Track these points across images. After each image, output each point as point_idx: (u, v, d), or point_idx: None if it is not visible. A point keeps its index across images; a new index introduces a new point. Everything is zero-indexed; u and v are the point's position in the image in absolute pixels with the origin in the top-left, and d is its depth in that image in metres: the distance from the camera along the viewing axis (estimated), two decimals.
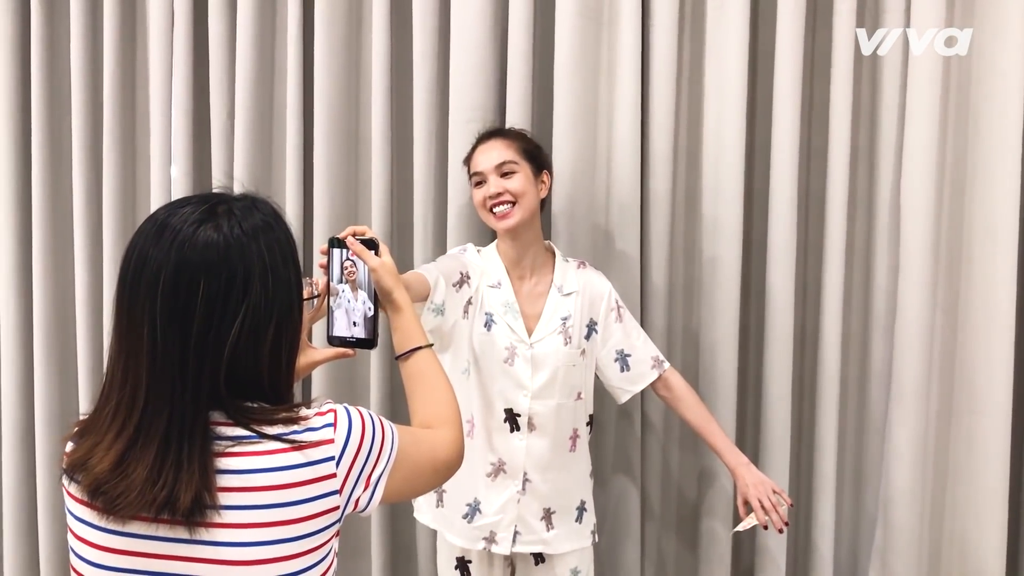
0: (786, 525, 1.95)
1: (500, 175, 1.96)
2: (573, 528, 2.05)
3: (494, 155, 1.97)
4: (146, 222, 1.07)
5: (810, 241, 2.30)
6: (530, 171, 1.99)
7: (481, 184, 1.99)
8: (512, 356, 1.98)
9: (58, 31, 2.68)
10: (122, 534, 1.03)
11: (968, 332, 2.18)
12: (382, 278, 1.35)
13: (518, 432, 1.99)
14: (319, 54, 2.40)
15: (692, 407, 2.08)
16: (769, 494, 1.95)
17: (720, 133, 2.25)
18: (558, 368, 1.98)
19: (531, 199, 1.98)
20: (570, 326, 2.01)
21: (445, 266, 1.96)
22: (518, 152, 1.98)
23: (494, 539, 2.01)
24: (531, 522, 2.01)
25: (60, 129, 2.70)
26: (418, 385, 1.33)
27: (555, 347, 1.99)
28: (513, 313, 2.00)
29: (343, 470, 1.06)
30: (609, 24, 2.28)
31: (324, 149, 2.41)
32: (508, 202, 1.95)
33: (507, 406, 1.99)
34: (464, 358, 2.00)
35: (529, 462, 1.99)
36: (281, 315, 1.06)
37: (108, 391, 1.05)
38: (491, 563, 2.07)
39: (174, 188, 2.55)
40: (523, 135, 2.06)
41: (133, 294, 1.02)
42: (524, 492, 2.00)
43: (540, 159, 2.03)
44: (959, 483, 2.21)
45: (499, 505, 2.00)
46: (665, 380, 2.09)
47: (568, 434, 2.03)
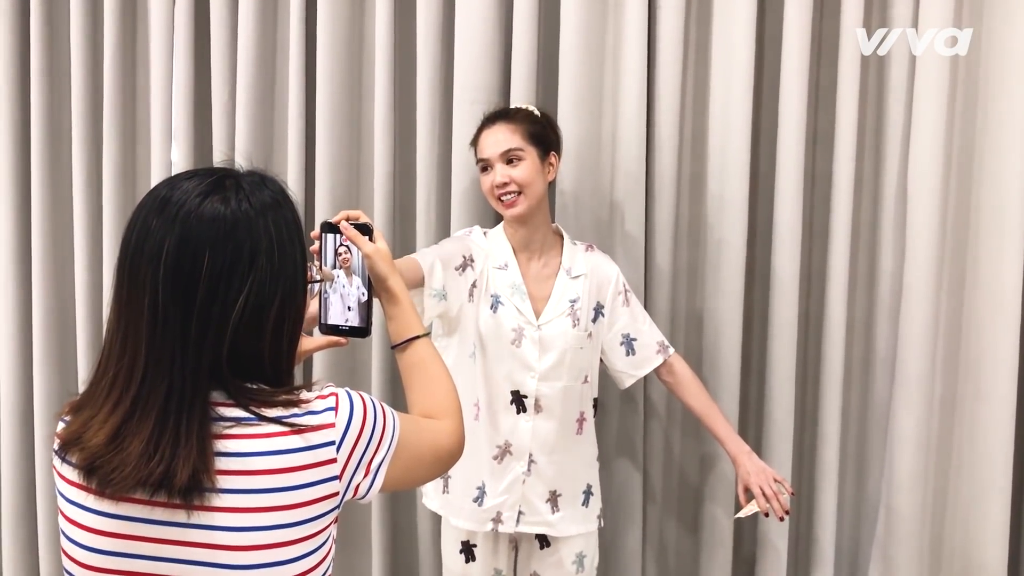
0: (787, 514, 1.94)
1: (505, 162, 1.94)
2: (579, 512, 2.05)
3: (499, 141, 1.95)
4: (148, 195, 1.04)
5: (816, 225, 2.29)
6: (536, 156, 1.96)
7: (487, 170, 1.98)
8: (520, 337, 1.97)
9: (58, 10, 2.66)
10: (116, 517, 1.01)
11: (973, 318, 2.17)
12: (376, 264, 1.30)
13: (524, 414, 1.98)
14: (321, 35, 2.38)
15: (695, 394, 2.07)
16: (770, 482, 1.95)
17: (726, 116, 2.23)
18: (566, 350, 1.98)
19: (538, 186, 1.96)
20: (578, 308, 2.00)
21: (446, 250, 1.95)
22: (524, 137, 1.95)
23: (500, 519, 2.00)
24: (536, 504, 2.01)
25: (60, 110, 2.68)
26: (417, 375, 1.29)
27: (563, 329, 1.98)
28: (520, 295, 1.99)
29: (343, 455, 1.05)
30: (615, 6, 2.26)
31: (326, 131, 2.39)
32: (514, 191, 1.94)
33: (514, 388, 1.98)
34: (471, 341, 1.99)
35: (535, 444, 1.99)
36: (285, 293, 1.05)
37: (105, 363, 1.03)
38: (496, 548, 2.06)
39: (175, 170, 2.52)
40: (529, 116, 2.00)
41: (135, 264, 1.00)
42: (530, 473, 2.00)
43: (547, 141, 2.00)
44: (962, 470, 2.20)
45: (504, 486, 1.99)
46: (669, 365, 2.08)
47: (575, 416, 2.02)
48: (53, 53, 2.66)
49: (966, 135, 2.15)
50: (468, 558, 2.07)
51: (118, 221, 2.58)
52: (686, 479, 2.39)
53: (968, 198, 2.16)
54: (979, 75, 2.13)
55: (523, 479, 2.00)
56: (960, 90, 2.14)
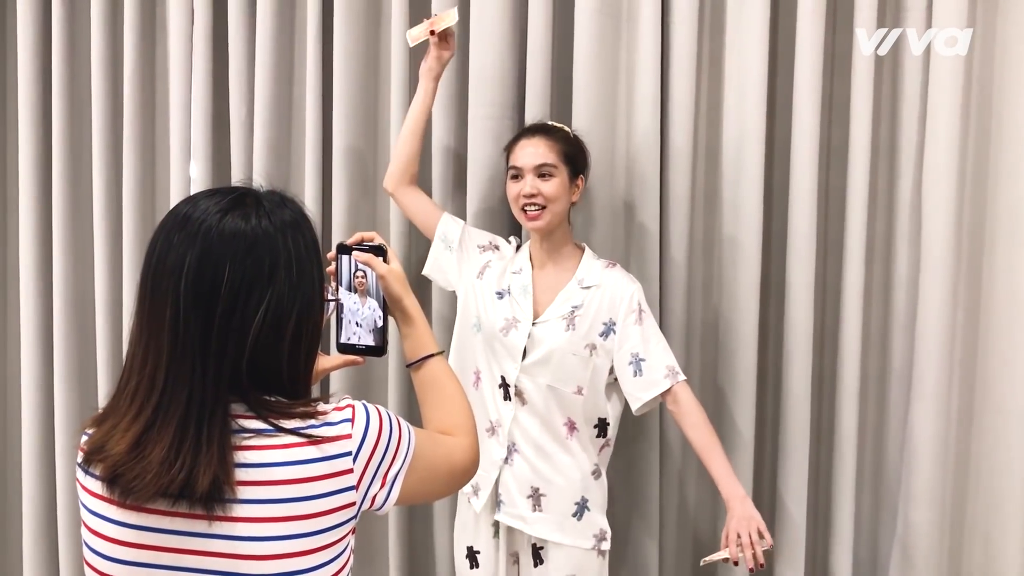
0: (760, 567, 1.87)
1: (538, 175, 2.01)
2: (568, 522, 2.03)
3: (536, 154, 2.02)
4: (170, 213, 1.07)
5: (830, 238, 2.29)
6: (567, 175, 2.03)
7: (517, 178, 2.04)
8: (510, 328, 2.03)
9: (78, 30, 2.70)
10: (138, 527, 1.03)
11: (990, 330, 2.16)
12: (391, 285, 1.32)
13: (509, 402, 2.04)
14: (338, 52, 2.40)
15: (697, 426, 1.99)
16: (752, 530, 1.88)
17: (740, 129, 2.23)
18: (554, 351, 2.00)
19: (563, 204, 2.04)
20: (578, 315, 2.01)
21: (478, 231, 2.20)
22: (559, 155, 2.02)
23: (476, 492, 2.09)
24: (515, 496, 2.04)
25: (80, 127, 2.72)
26: (432, 393, 1.31)
27: (556, 330, 2.01)
28: (526, 295, 2.06)
29: (360, 466, 1.06)
30: (628, 21, 2.27)
31: (343, 147, 2.42)
32: (539, 205, 2.00)
33: (501, 373, 2.04)
34: (474, 315, 2.11)
35: (517, 431, 2.04)
36: (302, 309, 1.07)
37: (128, 374, 1.05)
38: (497, 556, 2.10)
39: (193, 186, 2.56)
40: (567, 137, 2.07)
41: (157, 277, 1.03)
42: (510, 463, 2.04)
43: (578, 163, 2.07)
44: (980, 483, 2.19)
45: (486, 463, 2.03)
46: (675, 393, 2.00)
47: (562, 420, 2.02)
48: (73, 71, 2.70)
49: (980, 146, 2.14)
50: (472, 564, 2.12)
51: (138, 236, 2.62)
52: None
53: (983, 209, 2.15)
54: (993, 88, 2.13)
55: (500, 464, 2.04)
56: (974, 102, 2.14)
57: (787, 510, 2.25)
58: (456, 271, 2.17)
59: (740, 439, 2.26)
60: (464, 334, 2.13)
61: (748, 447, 2.26)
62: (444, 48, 2.16)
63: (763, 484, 2.36)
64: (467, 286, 2.14)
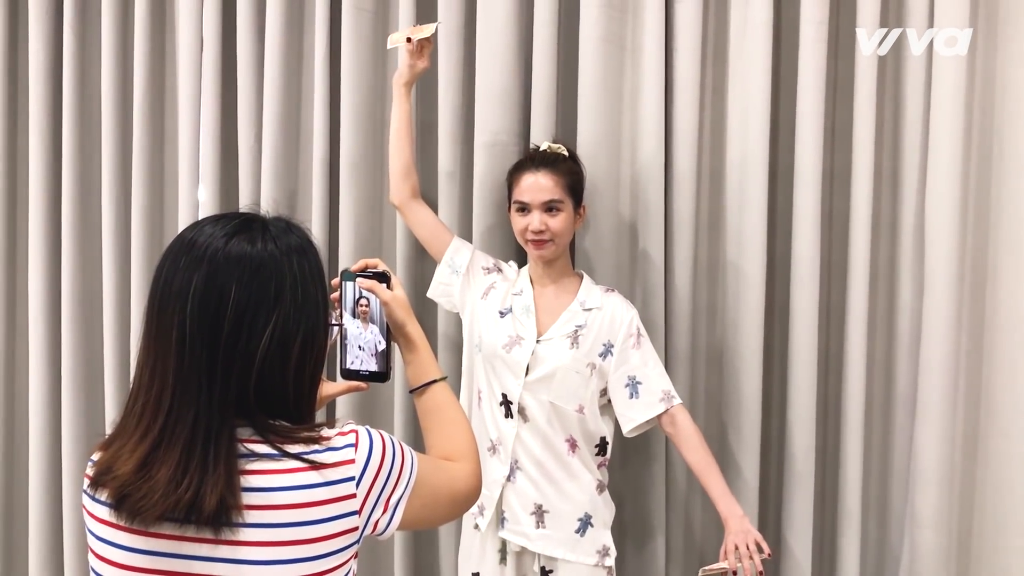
0: (759, 574, 1.90)
1: (545, 210, 2.02)
2: (572, 538, 2.03)
3: (543, 189, 2.03)
4: (177, 238, 1.09)
5: (834, 262, 2.29)
6: (572, 207, 2.06)
7: (524, 211, 2.05)
8: (513, 345, 2.04)
9: (89, 55, 2.73)
10: (145, 552, 1.04)
11: (994, 354, 2.16)
12: (394, 312, 1.33)
13: (511, 419, 2.03)
14: (345, 79, 2.43)
15: (695, 448, 2.02)
16: (750, 542, 1.91)
17: (744, 154, 2.25)
18: (557, 368, 2.01)
19: (568, 235, 2.08)
20: (581, 335, 2.03)
21: (483, 255, 2.21)
22: (565, 189, 2.04)
23: (482, 512, 2.07)
24: (519, 513, 2.03)
25: (90, 152, 2.75)
26: (434, 419, 1.32)
27: (560, 348, 2.02)
28: (529, 314, 2.07)
29: (363, 491, 1.07)
30: (632, 50, 2.30)
31: (350, 172, 2.44)
32: (548, 239, 2.03)
33: (503, 391, 2.04)
34: (477, 335, 2.11)
35: (520, 449, 2.03)
36: (307, 332, 1.08)
37: (135, 395, 1.07)
38: None
39: (202, 211, 2.58)
40: (570, 168, 2.08)
41: (164, 299, 1.04)
42: (513, 480, 2.03)
43: (580, 192, 2.10)
44: (986, 507, 2.19)
45: (489, 482, 2.02)
46: (672, 416, 2.03)
47: (563, 436, 2.03)
48: (83, 96, 2.73)
49: (983, 171, 2.16)
50: None
51: (146, 259, 2.63)
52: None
53: (986, 233, 2.17)
54: (995, 113, 2.14)
55: (503, 482, 2.04)
56: (976, 127, 2.16)
57: (793, 534, 2.25)
58: (460, 294, 2.18)
59: (745, 463, 2.25)
60: (470, 355, 2.16)
61: (753, 472, 2.26)
62: (418, 58, 2.15)
63: (768, 509, 2.35)
64: (471, 308, 2.16)
